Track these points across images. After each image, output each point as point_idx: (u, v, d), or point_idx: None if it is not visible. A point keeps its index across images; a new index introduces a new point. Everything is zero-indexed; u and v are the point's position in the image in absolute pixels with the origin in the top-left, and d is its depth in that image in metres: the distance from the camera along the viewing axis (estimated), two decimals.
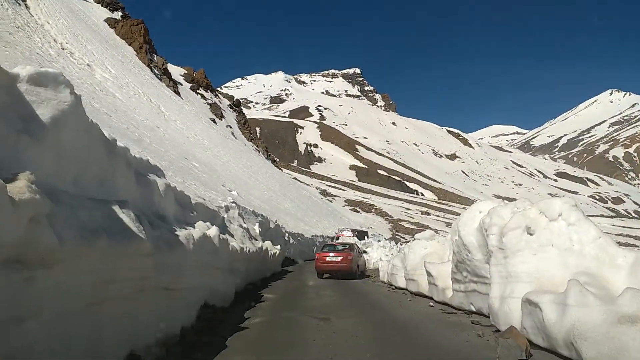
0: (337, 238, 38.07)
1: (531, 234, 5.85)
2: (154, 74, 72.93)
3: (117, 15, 79.45)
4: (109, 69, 53.78)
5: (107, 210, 4.63)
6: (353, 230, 41.30)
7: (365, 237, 44.31)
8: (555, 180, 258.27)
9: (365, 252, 21.29)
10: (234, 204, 18.76)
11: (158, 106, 56.99)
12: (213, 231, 8.79)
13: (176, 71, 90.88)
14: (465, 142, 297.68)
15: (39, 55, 36.99)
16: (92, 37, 59.08)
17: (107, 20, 74.89)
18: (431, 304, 9.42)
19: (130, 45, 73.74)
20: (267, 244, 18.63)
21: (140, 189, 7.01)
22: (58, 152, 4.31)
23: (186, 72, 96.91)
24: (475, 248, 7.16)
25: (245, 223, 18.00)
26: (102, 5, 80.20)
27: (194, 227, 8.52)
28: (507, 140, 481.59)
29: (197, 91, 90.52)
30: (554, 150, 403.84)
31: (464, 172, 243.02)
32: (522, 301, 5.24)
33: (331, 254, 17.15)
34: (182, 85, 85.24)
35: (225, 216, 15.90)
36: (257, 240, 18.14)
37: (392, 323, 7.11)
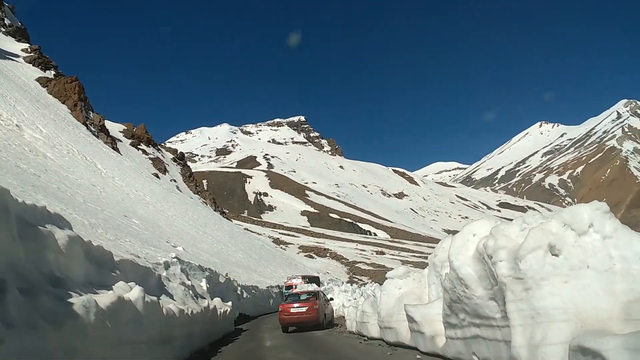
0: (288, 287, 36.41)
1: (557, 255, 4.40)
2: (90, 131, 69.66)
3: (50, 73, 76.13)
4: (39, 129, 50.53)
5: None
6: (303, 277, 39.13)
7: (318, 283, 42.49)
8: (499, 211, 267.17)
9: (332, 299, 19.40)
10: (175, 259, 16.56)
11: (94, 164, 53.80)
12: (135, 293, 6.79)
13: (115, 127, 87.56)
14: (411, 180, 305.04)
15: None
16: (21, 97, 55.72)
17: (39, 80, 71.46)
18: (419, 357, 7.69)
19: (63, 103, 70.37)
20: (216, 301, 16.45)
21: (24, 243, 5.05)
22: None
23: (126, 127, 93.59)
24: (475, 281, 5.62)
25: (189, 280, 15.82)
26: (33, 65, 76.70)
27: (112, 290, 6.53)
28: (450, 176, 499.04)
29: (138, 146, 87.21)
30: (494, 182, 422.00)
31: (412, 210, 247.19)
32: (570, 349, 3.67)
33: (295, 305, 16.02)
34: (121, 141, 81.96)
35: (164, 274, 13.77)
36: (203, 298, 15.91)
37: None
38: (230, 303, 18.42)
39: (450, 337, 6.71)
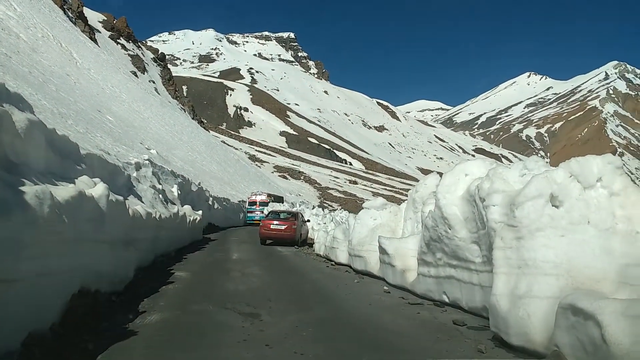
0: (253, 204, 37.17)
1: (557, 207, 4.11)
2: (67, 16, 65.42)
3: None
4: (13, 6, 47.01)
5: None
6: (269, 195, 39.55)
7: (281, 202, 42.70)
8: (473, 156, 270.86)
9: (308, 221, 20.15)
10: (147, 162, 16.00)
11: (70, 52, 51.01)
12: (99, 190, 6.33)
13: (94, 16, 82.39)
14: (394, 114, 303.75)
15: None
16: None
17: None
18: (386, 288, 7.65)
19: None
20: (186, 208, 16.23)
21: None
22: None
23: (105, 18, 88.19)
24: (460, 223, 5.38)
25: (160, 184, 15.43)
26: None
27: (74, 184, 6.04)
28: (432, 115, 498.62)
29: (117, 40, 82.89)
30: (474, 127, 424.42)
31: (390, 144, 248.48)
32: (559, 307, 3.46)
33: (275, 222, 17.33)
34: (99, 32, 77.59)
35: (134, 174, 13.29)
36: (173, 204, 15.65)
37: (347, 323, 5.17)
38: (200, 212, 18.25)
39: (422, 274, 6.61)
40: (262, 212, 34.81)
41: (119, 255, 7.00)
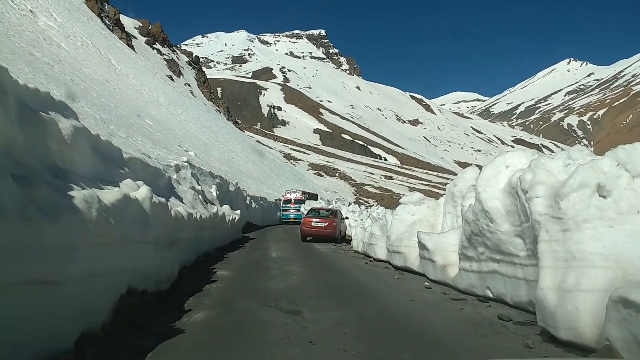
0: (288, 202, 36.97)
1: (605, 197, 3.96)
2: (105, 24, 67.58)
3: None
4: (54, 17, 48.94)
5: None
6: (303, 193, 39.51)
7: (316, 200, 42.54)
8: (513, 147, 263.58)
9: (346, 218, 20.34)
10: (186, 163, 16.37)
11: (108, 59, 52.74)
12: (143, 192, 6.52)
13: (130, 23, 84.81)
14: (428, 108, 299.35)
15: None
16: None
17: None
18: (427, 284, 7.57)
19: None
20: (225, 208, 16.53)
21: (23, 128, 4.62)
22: None
23: (141, 24, 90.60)
24: (502, 216, 5.26)
25: (199, 185, 15.77)
26: None
27: (119, 187, 6.25)
28: (468, 107, 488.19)
29: (153, 46, 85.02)
30: (512, 118, 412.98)
31: (425, 138, 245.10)
32: (610, 300, 3.34)
33: (316, 219, 17.95)
34: (136, 38, 79.78)
35: (175, 176, 13.63)
36: (213, 204, 15.98)
37: (389, 320, 5.16)
38: (238, 211, 18.54)
39: (464, 269, 6.50)
40: (298, 210, 35.00)
41: (163, 255, 7.20)
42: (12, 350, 3.11)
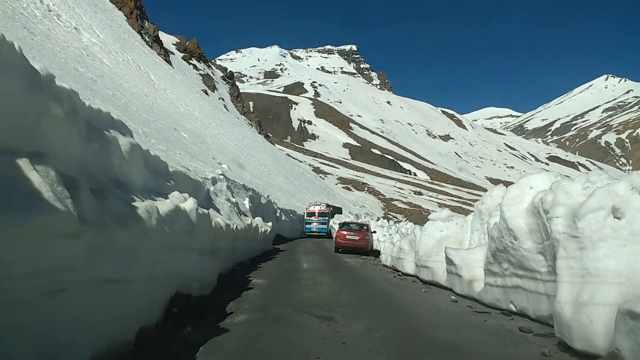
0: (311, 215, 35.10)
1: (619, 218, 4.27)
2: (145, 41, 70.21)
3: None
4: (97, 34, 51.29)
5: (4, 167, 2.95)
6: (328, 206, 38.18)
7: (340, 213, 41.33)
8: (547, 164, 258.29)
9: (374, 232, 20.93)
10: (222, 176, 17.06)
11: (147, 74, 54.81)
12: (190, 204, 7.10)
13: (168, 39, 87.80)
14: (459, 123, 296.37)
15: (23, 16, 34.65)
16: (80, 0, 56.18)
17: None
18: (453, 297, 7.88)
19: (120, 10, 70.65)
20: (258, 220, 17.09)
21: (91, 146, 5.26)
22: None
23: (178, 41, 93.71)
24: (525, 234, 5.58)
25: (234, 197, 16.40)
26: None
27: (168, 199, 6.85)
28: (501, 123, 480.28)
29: (189, 61, 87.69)
30: (547, 134, 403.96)
31: (456, 154, 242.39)
32: (619, 312, 3.66)
33: (350, 233, 18.81)
34: (173, 54, 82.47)
35: (212, 189, 14.28)
36: (246, 216, 16.57)
37: (416, 328, 5.53)
38: (270, 224, 19.10)
39: (489, 284, 6.80)
40: (322, 224, 33.99)
41: (206, 263, 7.76)
42: (89, 337, 3.65)
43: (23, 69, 3.82)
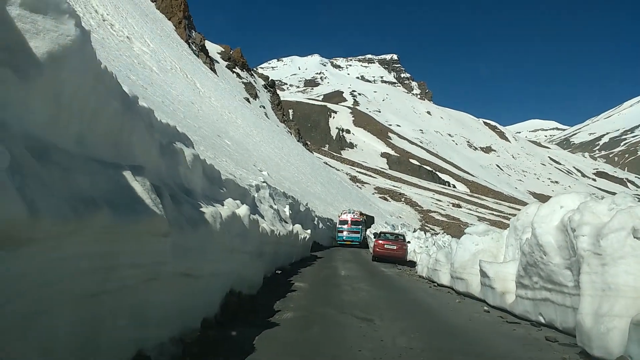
0: (344, 223, 33.68)
1: (639, 238, 4.65)
2: (192, 50, 72.79)
3: None
4: (147, 43, 53.70)
5: (114, 177, 3.69)
6: (362, 214, 36.20)
7: (372, 223, 40.29)
8: (594, 180, 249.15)
9: (409, 242, 21.44)
10: (265, 184, 17.86)
11: (194, 82, 56.82)
12: (243, 210, 7.84)
13: (213, 48, 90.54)
14: (502, 135, 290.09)
15: None
16: (133, 10, 59.02)
17: None
18: (485, 308, 8.29)
19: (169, 20, 73.60)
20: (298, 227, 17.77)
21: (164, 158, 6.07)
22: (55, 99, 3.35)
23: (223, 50, 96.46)
24: (554, 250, 5.98)
25: (275, 204, 17.14)
26: None
27: (222, 205, 7.59)
28: (546, 136, 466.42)
29: (233, 70, 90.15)
30: (595, 149, 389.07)
31: (498, 166, 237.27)
32: (632, 323, 4.07)
33: (388, 243, 19.54)
34: (218, 62, 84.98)
35: (256, 195, 15.04)
36: (287, 222, 17.28)
37: (449, 332, 6.02)
38: (309, 231, 19.77)
39: (520, 296, 7.19)
40: (355, 233, 32.75)
41: (254, 264, 8.47)
42: (166, 322, 4.36)
43: (119, 93, 4.64)
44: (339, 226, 34.23)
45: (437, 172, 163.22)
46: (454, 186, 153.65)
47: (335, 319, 6.23)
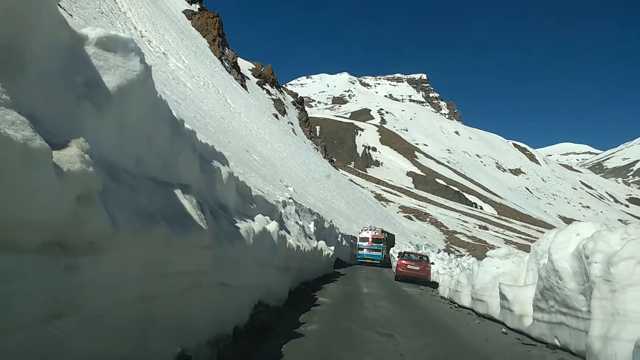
0: (364, 240, 32.83)
1: None
2: (224, 66, 74.72)
3: (195, 7, 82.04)
4: (182, 59, 55.50)
5: (168, 195, 4.20)
6: (383, 231, 35.00)
7: (393, 241, 39.37)
8: (627, 206, 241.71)
9: (432, 263, 21.48)
10: (291, 200, 18.35)
11: (225, 98, 58.24)
12: (273, 226, 8.32)
13: (245, 65, 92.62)
14: (532, 157, 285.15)
15: None
16: (169, 27, 61.20)
17: (185, 12, 77.48)
18: (504, 330, 8.49)
19: (204, 37, 75.93)
20: (322, 243, 18.13)
21: (203, 176, 6.61)
22: (121, 126, 3.90)
23: (254, 67, 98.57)
24: (569, 275, 6.23)
25: (301, 220, 17.56)
26: None
27: (253, 220, 8.08)
28: (578, 160, 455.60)
29: (263, 86, 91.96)
30: (628, 174, 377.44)
31: (527, 189, 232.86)
32: (635, 346, 4.31)
33: (411, 263, 19.70)
34: (249, 79, 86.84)
35: (283, 211, 15.50)
36: (311, 239, 17.68)
37: (465, 350, 6.30)
38: (332, 248, 20.12)
39: (537, 319, 7.40)
40: (376, 251, 31.92)
41: (281, 278, 8.92)
42: (205, 326, 4.82)
43: (170, 119, 5.21)
44: (359, 243, 33.55)
45: (463, 193, 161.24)
46: (481, 208, 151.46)
47: (357, 333, 6.59)
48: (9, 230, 1.89)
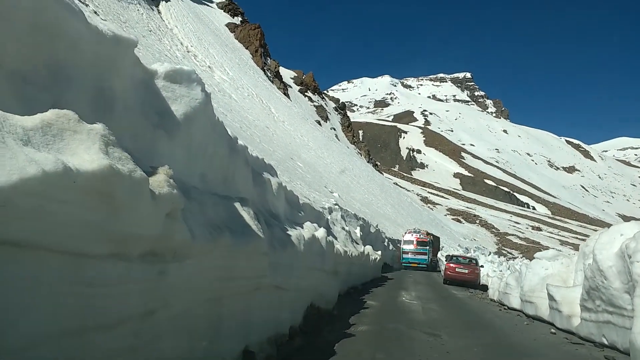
0: (409, 243, 31.86)
1: None
2: (267, 76, 76.38)
3: (237, 20, 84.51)
4: (227, 71, 57.34)
5: (229, 207, 4.73)
6: (428, 234, 34.08)
7: (438, 243, 38.36)
8: None
9: (482, 266, 21.47)
10: (336, 206, 18.76)
11: (269, 107, 59.57)
12: (321, 233, 8.77)
13: (287, 74, 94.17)
14: (587, 154, 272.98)
15: (167, 57, 40.39)
16: (214, 41, 63.38)
17: (228, 25, 79.89)
18: (553, 330, 8.55)
19: (247, 48, 77.94)
20: (368, 248, 18.41)
21: (256, 187, 7.16)
22: (188, 148, 4.47)
23: (296, 75, 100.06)
24: (614, 275, 6.31)
25: (347, 226, 17.92)
26: (224, 11, 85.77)
27: (302, 227, 8.55)
28: (636, 155, 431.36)
29: (305, 94, 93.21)
30: None
31: (583, 187, 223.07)
32: None
33: (459, 266, 19.66)
34: (291, 87, 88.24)
35: (329, 218, 15.93)
36: (358, 244, 18.01)
37: (512, 349, 6.50)
38: (379, 252, 20.37)
39: (584, 319, 7.46)
40: (422, 254, 31.02)
41: (330, 282, 9.35)
42: (264, 325, 5.31)
43: (226, 138, 5.77)
44: (403, 247, 32.59)
45: (514, 193, 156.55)
46: (534, 208, 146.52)
47: (406, 333, 6.91)
48: (122, 244, 2.43)
